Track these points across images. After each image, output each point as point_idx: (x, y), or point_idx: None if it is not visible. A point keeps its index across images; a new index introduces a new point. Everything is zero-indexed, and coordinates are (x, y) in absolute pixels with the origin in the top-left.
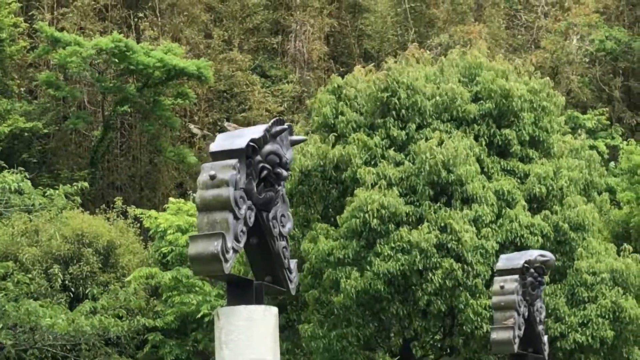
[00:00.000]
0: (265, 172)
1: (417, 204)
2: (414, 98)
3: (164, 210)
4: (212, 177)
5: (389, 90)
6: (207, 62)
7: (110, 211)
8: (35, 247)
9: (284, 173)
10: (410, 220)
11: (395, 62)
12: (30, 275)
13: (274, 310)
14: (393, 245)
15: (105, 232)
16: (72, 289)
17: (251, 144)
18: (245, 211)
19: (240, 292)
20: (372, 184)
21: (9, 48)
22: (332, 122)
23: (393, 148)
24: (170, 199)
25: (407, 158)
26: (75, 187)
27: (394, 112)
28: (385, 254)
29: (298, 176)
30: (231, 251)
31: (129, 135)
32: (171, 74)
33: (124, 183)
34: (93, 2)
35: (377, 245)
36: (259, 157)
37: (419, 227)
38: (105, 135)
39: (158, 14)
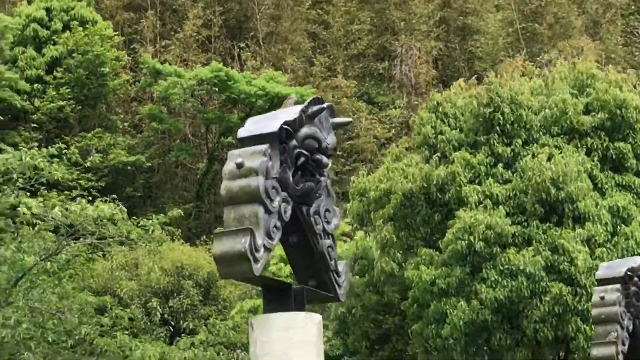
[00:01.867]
0: (302, 159)
1: (525, 224)
2: (519, 112)
3: None
4: (239, 166)
5: (491, 106)
6: (309, 89)
7: (211, 242)
8: (134, 281)
9: (325, 160)
10: (517, 241)
11: (497, 75)
12: (128, 310)
13: (317, 317)
14: (501, 268)
15: (206, 264)
16: (172, 323)
17: (284, 126)
18: (279, 204)
19: (277, 297)
20: (476, 204)
21: (112, 82)
22: (433, 141)
23: (500, 165)
24: None
25: (515, 175)
26: (170, 216)
27: (497, 128)
28: (492, 279)
29: (400, 199)
30: (262, 249)
31: None
32: (274, 102)
33: None
34: (195, 34)
35: (483, 270)
36: (294, 142)
37: (527, 249)
38: (210, 168)
39: (261, 43)
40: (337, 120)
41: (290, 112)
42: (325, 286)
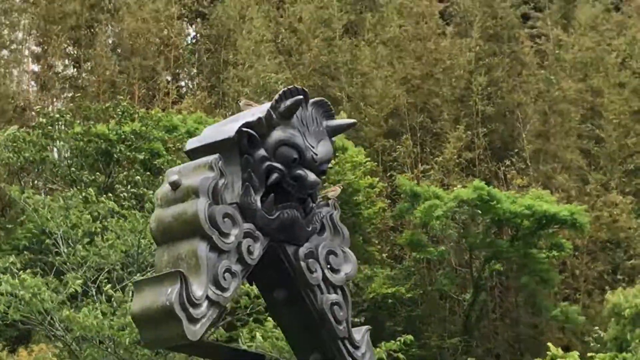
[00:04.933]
0: (274, 175)
1: None
2: None
3: None
4: (175, 185)
5: None
6: (581, 207)
7: None
8: None
9: (311, 177)
10: None
11: None
12: None
13: None
14: None
15: None
16: None
17: (245, 130)
18: (236, 239)
19: None
20: None
21: (367, 211)
22: None
23: None
24: (549, 344)
25: None
26: (398, 343)
27: None
28: None
29: None
30: (204, 303)
31: (504, 296)
32: (542, 222)
33: (503, 349)
34: (456, 157)
35: None
36: (262, 152)
37: None
38: (476, 298)
39: (528, 162)
40: (334, 122)
41: (257, 111)
42: None
